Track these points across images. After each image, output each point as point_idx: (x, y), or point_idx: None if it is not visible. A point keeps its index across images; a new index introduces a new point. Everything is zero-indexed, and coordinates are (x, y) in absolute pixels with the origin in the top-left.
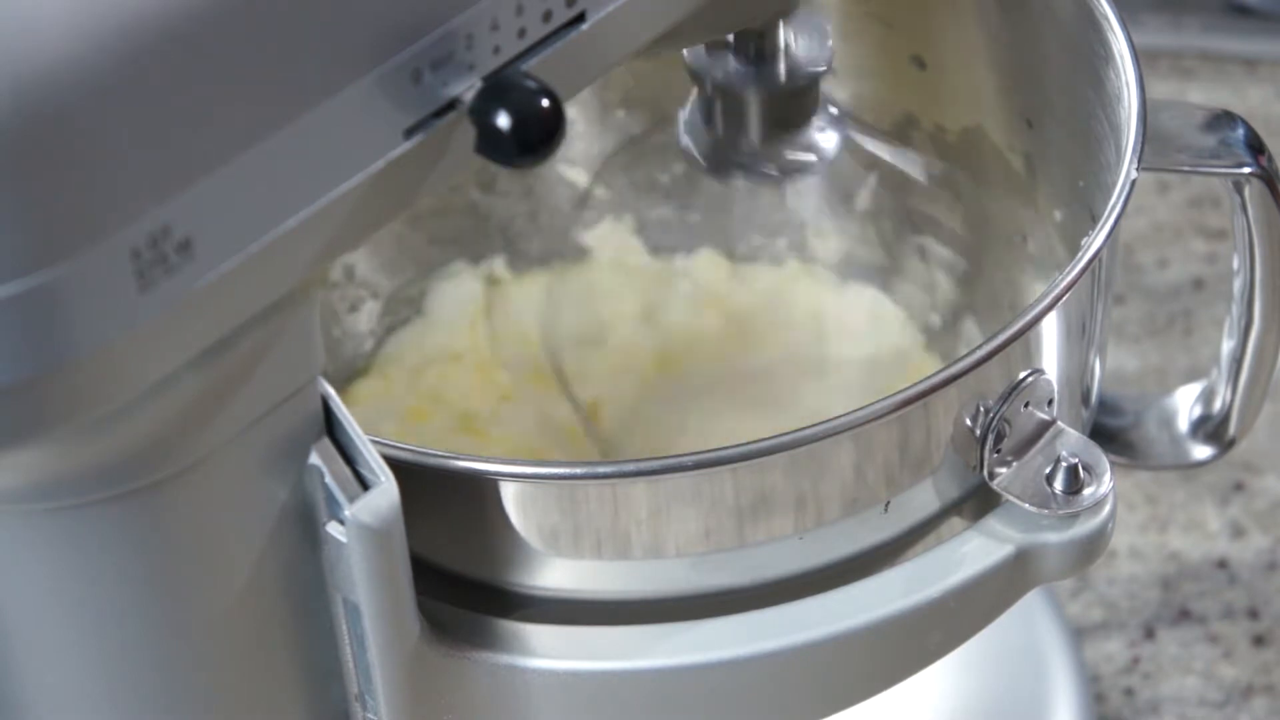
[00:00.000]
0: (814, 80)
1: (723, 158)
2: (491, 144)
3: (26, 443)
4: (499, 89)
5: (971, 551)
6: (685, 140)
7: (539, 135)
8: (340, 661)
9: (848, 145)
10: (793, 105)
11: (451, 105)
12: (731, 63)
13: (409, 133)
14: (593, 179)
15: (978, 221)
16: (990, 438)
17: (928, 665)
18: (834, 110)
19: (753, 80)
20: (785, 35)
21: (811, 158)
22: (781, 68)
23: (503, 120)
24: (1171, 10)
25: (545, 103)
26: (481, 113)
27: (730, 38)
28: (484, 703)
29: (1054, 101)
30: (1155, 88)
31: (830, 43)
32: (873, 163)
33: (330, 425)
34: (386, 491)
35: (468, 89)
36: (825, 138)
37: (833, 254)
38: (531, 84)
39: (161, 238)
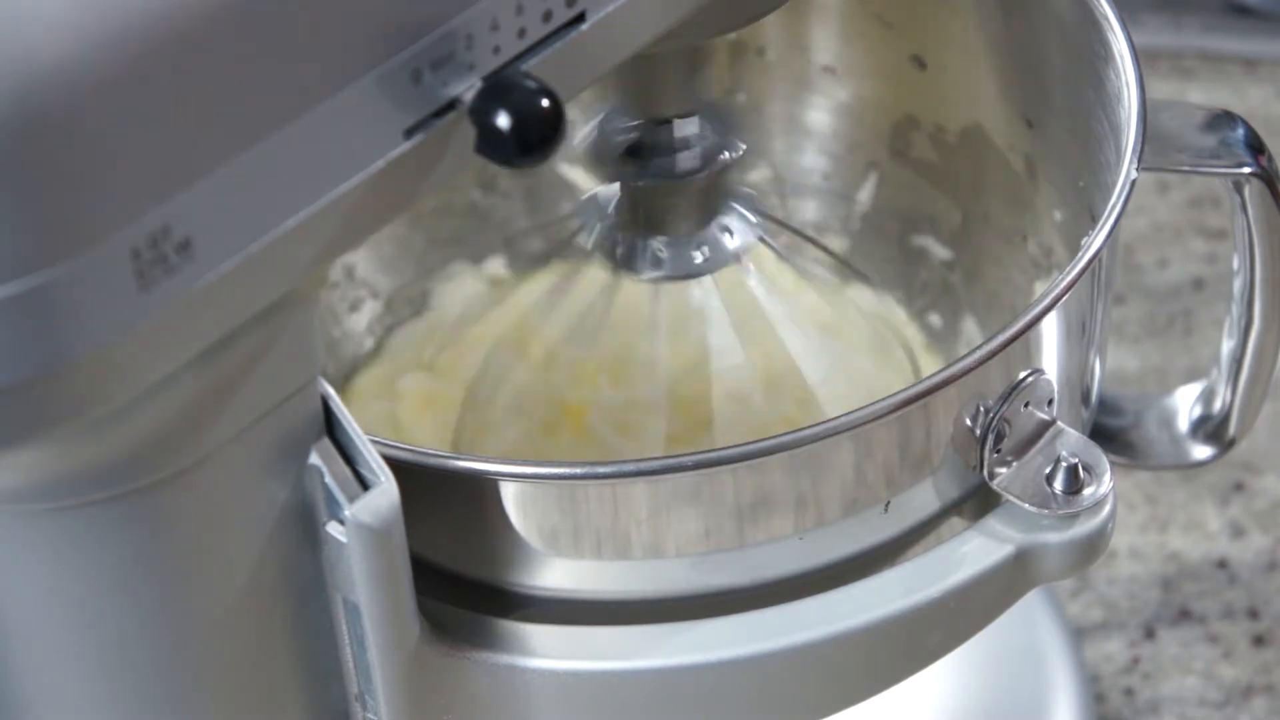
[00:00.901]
0: (717, 173)
1: (626, 252)
2: (492, 144)
3: (26, 443)
4: (499, 89)
5: (971, 551)
6: (585, 238)
7: (539, 135)
8: (340, 661)
9: (848, 148)
10: (689, 200)
11: (451, 105)
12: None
13: (409, 133)
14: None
15: (978, 221)
16: (990, 438)
17: (928, 665)
18: (746, 210)
19: (650, 173)
20: (687, 127)
21: (714, 255)
22: (681, 159)
23: (503, 120)
24: (1171, 10)
25: (545, 103)
26: (481, 113)
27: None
28: (484, 703)
29: (1054, 101)
30: (1155, 88)
31: (741, 137)
32: (873, 162)
33: (330, 425)
34: (386, 491)
35: (468, 89)
36: (735, 236)
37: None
38: (531, 84)
39: (161, 238)
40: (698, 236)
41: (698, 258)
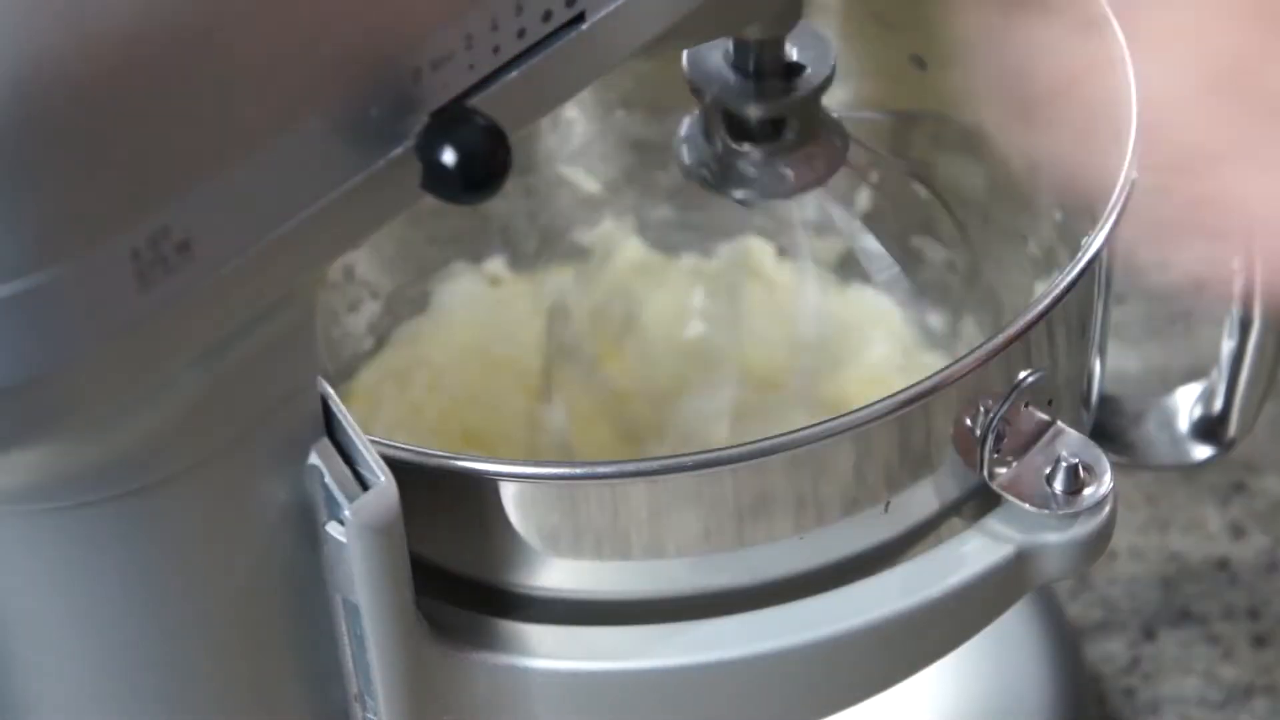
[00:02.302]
0: (814, 95)
1: (723, 173)
2: (438, 180)
3: (26, 443)
4: (445, 125)
5: (971, 551)
6: (684, 155)
7: (485, 172)
8: (340, 661)
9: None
10: (792, 120)
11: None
12: (731, 76)
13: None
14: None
15: (978, 221)
16: (990, 438)
17: (928, 665)
18: (839, 130)
19: (751, 95)
20: (787, 49)
21: (812, 175)
22: (780, 82)
23: (448, 157)
24: None
25: (490, 139)
26: (427, 149)
27: (730, 48)
28: (484, 703)
29: (1054, 101)
30: None
31: (832, 58)
32: (873, 162)
33: (330, 425)
34: (386, 491)
35: (465, 90)
36: (827, 155)
37: (833, 254)
38: (479, 120)
39: (161, 238)
40: (786, 158)
41: (789, 177)
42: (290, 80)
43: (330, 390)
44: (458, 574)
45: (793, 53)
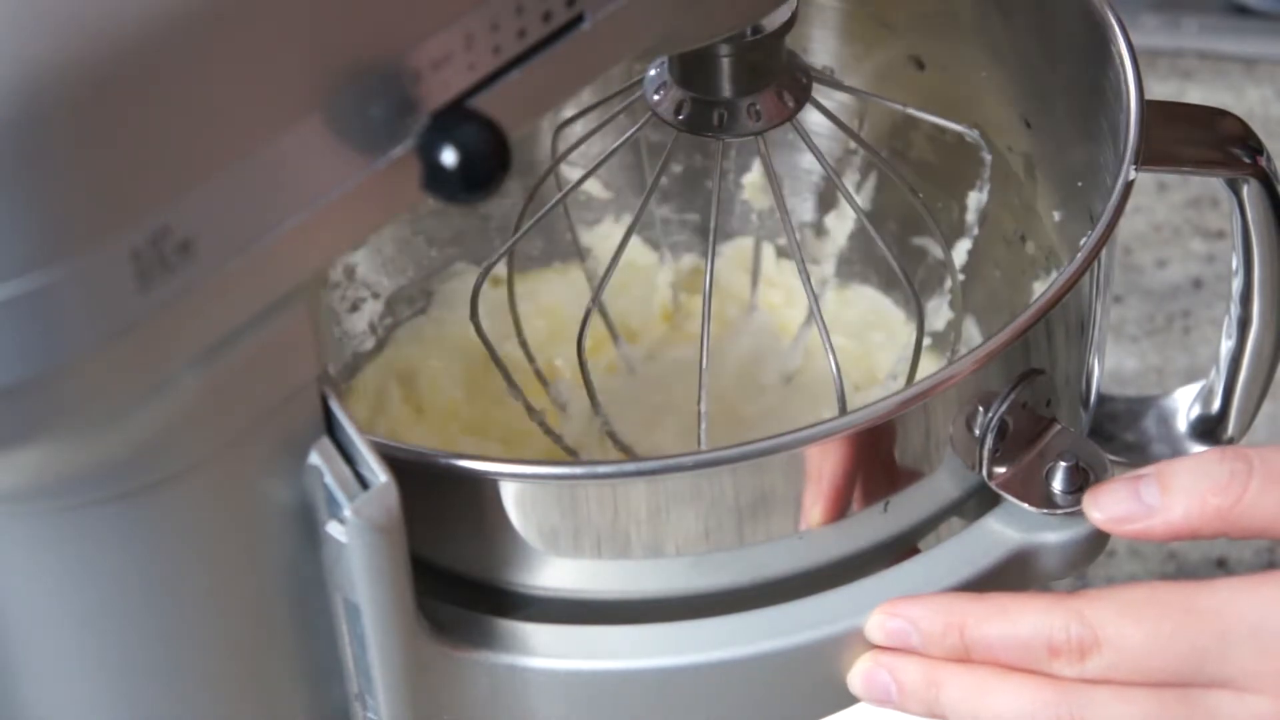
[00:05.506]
0: (777, 35)
1: (696, 115)
2: (438, 181)
3: (27, 443)
4: (445, 125)
5: (971, 551)
6: (654, 99)
7: (485, 172)
8: (340, 661)
9: (848, 149)
10: (757, 61)
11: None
12: None
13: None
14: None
15: (978, 221)
16: (990, 438)
17: None
18: (803, 77)
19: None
20: None
21: (778, 116)
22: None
23: (449, 157)
24: (1171, 10)
25: (490, 139)
26: (428, 148)
27: None
28: (484, 702)
29: (1054, 102)
30: (1155, 88)
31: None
32: (873, 163)
33: (330, 425)
34: (386, 491)
35: (465, 90)
36: (792, 96)
37: (833, 254)
38: (477, 120)
39: (161, 238)
40: (755, 98)
41: (754, 120)
42: (290, 80)
43: (330, 390)
44: (458, 574)
45: None
